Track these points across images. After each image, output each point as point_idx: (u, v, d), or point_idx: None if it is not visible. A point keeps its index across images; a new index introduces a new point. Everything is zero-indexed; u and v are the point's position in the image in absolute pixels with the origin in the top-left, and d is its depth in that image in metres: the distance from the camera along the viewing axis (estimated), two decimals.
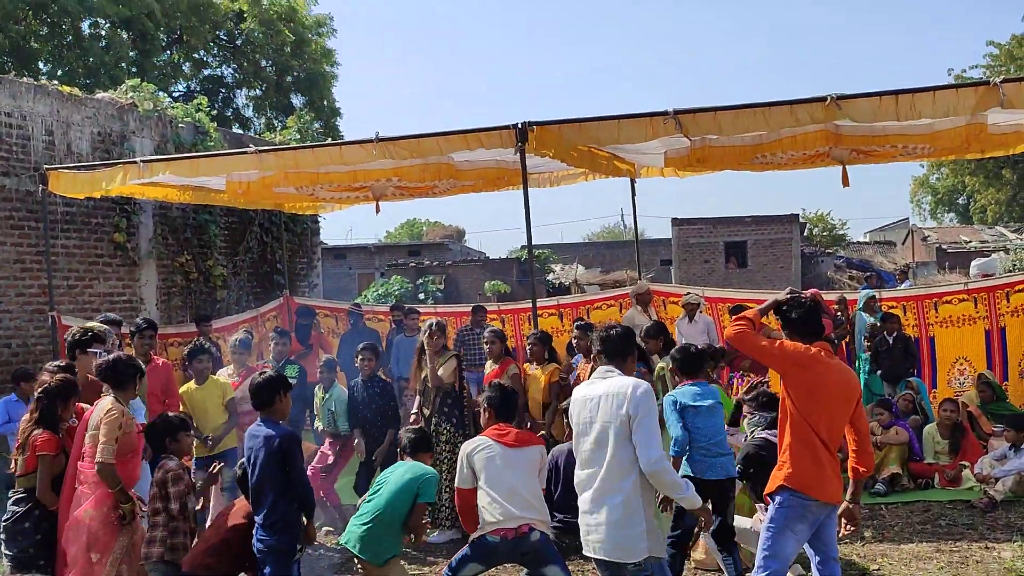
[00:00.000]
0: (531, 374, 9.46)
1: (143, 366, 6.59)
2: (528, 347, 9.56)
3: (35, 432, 6.23)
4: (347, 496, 9.30)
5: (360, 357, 9.24)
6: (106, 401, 6.04)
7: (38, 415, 6.28)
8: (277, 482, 5.59)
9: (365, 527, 5.80)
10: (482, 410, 6.02)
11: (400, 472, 5.91)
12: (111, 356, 6.35)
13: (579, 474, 5.17)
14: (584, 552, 5.17)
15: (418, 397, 9.17)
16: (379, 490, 5.95)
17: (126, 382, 6.15)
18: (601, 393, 5.07)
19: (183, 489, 5.99)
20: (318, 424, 9.53)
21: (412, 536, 5.92)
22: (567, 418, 6.12)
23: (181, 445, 6.26)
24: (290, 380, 8.94)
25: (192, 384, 8.95)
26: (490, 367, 9.51)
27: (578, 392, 5.29)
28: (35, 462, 6.20)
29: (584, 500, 5.12)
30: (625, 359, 5.29)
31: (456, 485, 5.75)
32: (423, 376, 9.09)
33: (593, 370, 5.39)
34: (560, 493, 7.63)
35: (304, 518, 5.76)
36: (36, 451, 6.17)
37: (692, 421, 6.47)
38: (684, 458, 6.50)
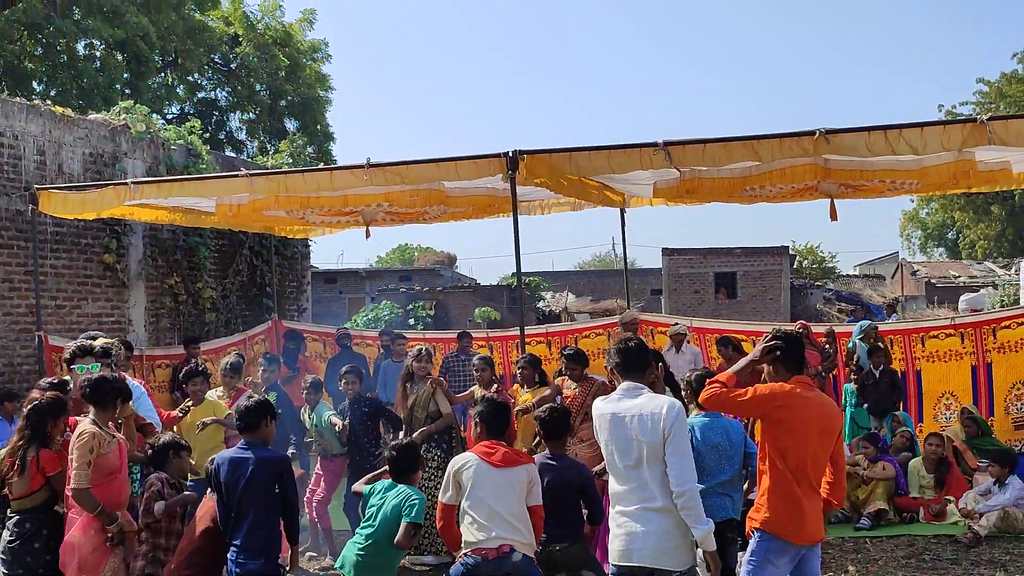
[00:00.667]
0: (522, 398, 9.45)
1: (130, 389, 6.49)
2: (518, 371, 9.57)
3: (31, 452, 6.14)
4: (337, 519, 9.23)
5: (344, 380, 9.22)
6: (82, 424, 5.98)
7: (29, 433, 6.20)
8: (263, 506, 5.58)
9: (360, 553, 5.76)
10: (474, 424, 6.01)
11: (389, 499, 5.86)
12: (95, 376, 6.28)
13: (618, 487, 5.17)
14: (618, 562, 5.11)
15: (407, 425, 9.15)
16: (372, 518, 5.89)
17: (107, 402, 6.08)
18: (636, 411, 5.08)
19: (156, 506, 6.03)
20: (316, 447, 9.51)
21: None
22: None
23: (183, 463, 6.29)
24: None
25: (188, 404, 8.91)
26: (479, 394, 9.48)
27: (606, 408, 5.24)
28: (40, 482, 6.14)
29: (623, 512, 5.11)
30: (643, 372, 5.31)
31: (439, 499, 5.73)
32: (410, 403, 9.08)
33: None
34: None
35: (288, 543, 5.75)
36: (46, 473, 6.13)
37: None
38: None
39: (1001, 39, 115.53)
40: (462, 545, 5.56)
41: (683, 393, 7.67)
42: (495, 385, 9.27)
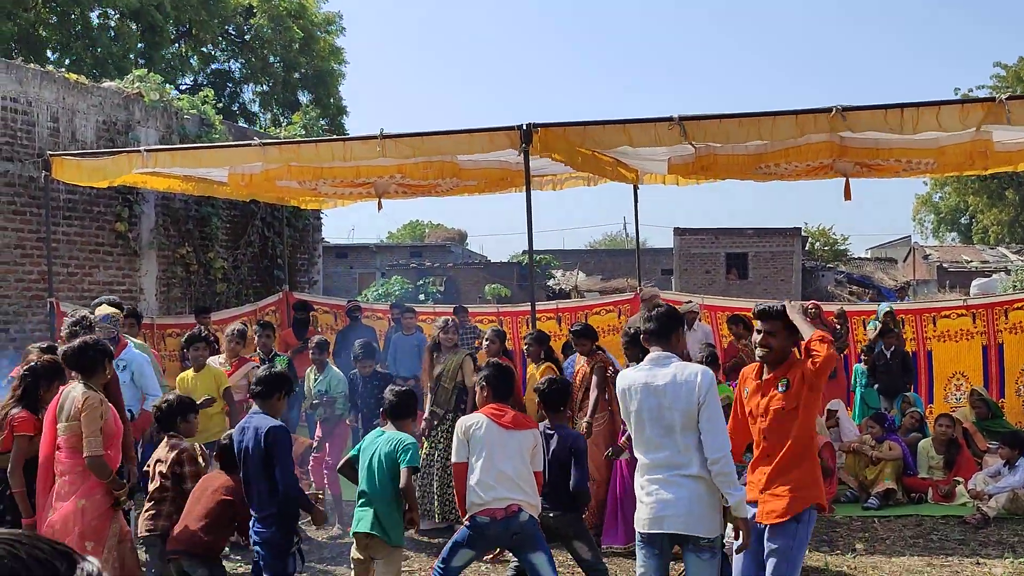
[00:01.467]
0: (530, 373, 9.48)
1: (110, 349, 6.27)
2: (525, 347, 9.57)
3: (14, 411, 6.11)
4: (347, 488, 9.23)
5: (358, 364, 9.31)
6: (79, 390, 5.76)
7: (20, 393, 6.17)
8: (265, 476, 5.59)
9: (370, 509, 5.75)
10: (479, 388, 6.02)
11: (380, 447, 5.78)
12: (77, 341, 6.06)
13: (647, 457, 5.13)
14: (646, 530, 5.09)
15: (429, 395, 9.17)
16: (371, 474, 5.86)
17: (96, 368, 5.87)
18: (668, 379, 5.03)
19: (196, 470, 6.05)
20: (305, 405, 9.51)
21: (408, 507, 5.81)
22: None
23: (190, 426, 6.29)
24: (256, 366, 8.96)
25: (189, 372, 8.95)
26: None
27: (636, 377, 5.19)
28: (11, 442, 6.06)
29: (652, 480, 5.07)
30: (670, 338, 5.25)
31: (452, 460, 5.78)
32: (436, 373, 9.11)
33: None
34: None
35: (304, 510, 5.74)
36: (14, 431, 6.04)
37: None
38: None
39: (1020, 22, 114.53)
40: (468, 506, 5.60)
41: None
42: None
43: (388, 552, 5.74)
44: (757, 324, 5.32)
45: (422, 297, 31.04)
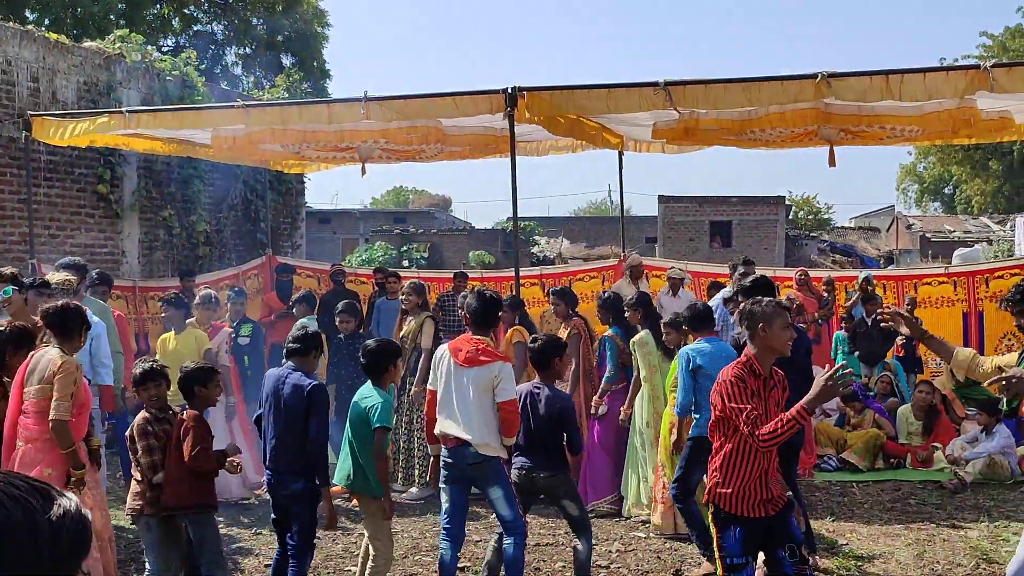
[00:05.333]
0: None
1: (88, 319, 6.04)
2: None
3: None
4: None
5: (339, 319, 9.30)
6: (55, 353, 5.61)
7: None
8: (299, 430, 5.62)
9: (348, 460, 5.80)
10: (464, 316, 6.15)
11: (358, 404, 5.83)
12: (59, 303, 5.88)
13: None
14: None
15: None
16: (351, 427, 5.91)
17: (73, 331, 5.73)
18: None
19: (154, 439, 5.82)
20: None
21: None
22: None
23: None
24: (242, 338, 8.95)
25: (170, 334, 8.91)
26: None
27: None
28: None
29: None
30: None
31: (427, 387, 6.04)
32: (401, 335, 9.15)
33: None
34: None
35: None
36: None
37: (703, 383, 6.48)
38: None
39: None
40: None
41: (664, 336, 7.72)
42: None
43: (369, 504, 5.79)
44: None
45: (406, 263, 31.02)
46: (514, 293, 9.81)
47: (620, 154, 12.79)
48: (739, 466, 4.52)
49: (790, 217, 42.11)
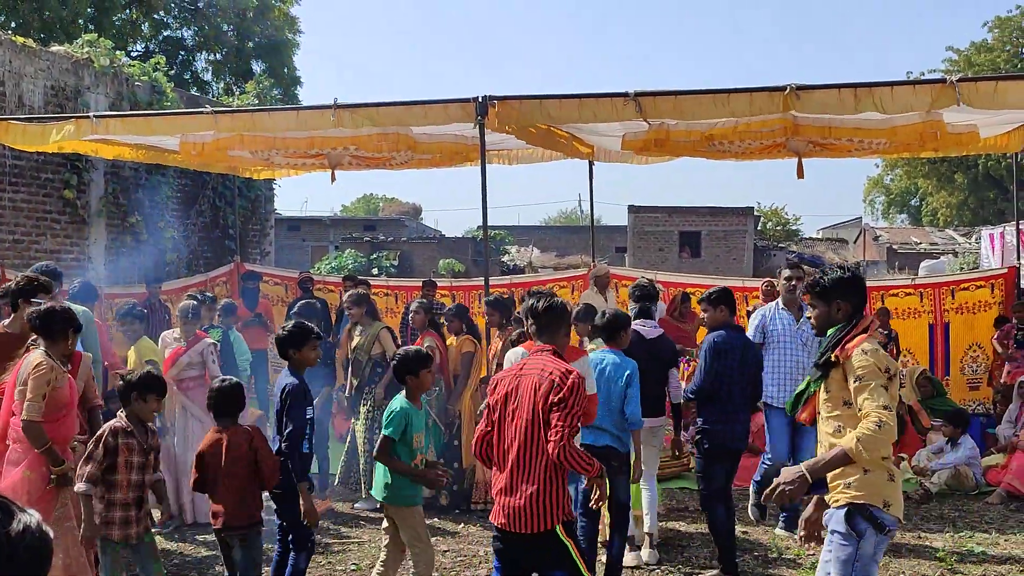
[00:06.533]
0: (449, 344, 9.24)
1: (79, 321, 6.03)
2: (445, 321, 9.45)
3: None
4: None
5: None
6: (36, 354, 5.61)
7: None
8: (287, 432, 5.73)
9: (380, 470, 5.84)
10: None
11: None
12: (45, 305, 5.87)
13: None
14: None
15: (350, 367, 9.21)
16: None
17: (58, 334, 5.69)
18: None
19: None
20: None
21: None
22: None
23: (144, 408, 5.65)
24: (215, 343, 8.90)
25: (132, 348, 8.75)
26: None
27: None
28: None
29: None
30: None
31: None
32: (353, 346, 9.15)
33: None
34: None
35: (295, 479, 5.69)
36: None
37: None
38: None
39: (971, 8, 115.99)
40: None
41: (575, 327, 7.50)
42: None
43: (398, 512, 5.77)
44: None
45: (375, 271, 30.93)
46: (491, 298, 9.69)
47: (591, 164, 12.82)
48: None
49: (759, 228, 42.43)
